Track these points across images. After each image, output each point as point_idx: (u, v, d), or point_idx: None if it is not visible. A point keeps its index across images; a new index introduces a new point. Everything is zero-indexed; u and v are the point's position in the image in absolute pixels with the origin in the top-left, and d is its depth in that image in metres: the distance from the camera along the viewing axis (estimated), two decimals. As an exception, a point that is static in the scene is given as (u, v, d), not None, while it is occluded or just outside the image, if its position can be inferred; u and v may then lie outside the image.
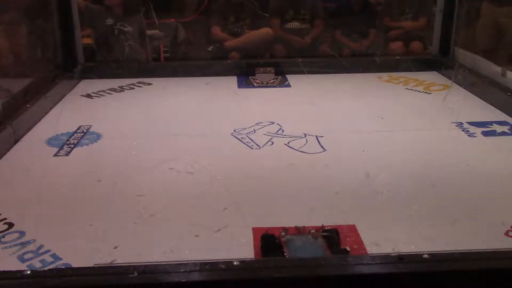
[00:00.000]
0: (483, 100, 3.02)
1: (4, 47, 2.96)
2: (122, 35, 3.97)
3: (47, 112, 2.90)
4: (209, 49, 4.48)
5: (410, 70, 3.70)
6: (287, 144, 2.43)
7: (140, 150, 2.39)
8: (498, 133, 2.54)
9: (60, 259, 1.55)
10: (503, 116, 2.75)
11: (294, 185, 2.04)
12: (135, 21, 4.09)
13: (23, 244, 1.63)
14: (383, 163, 2.21)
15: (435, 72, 3.69)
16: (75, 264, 1.50)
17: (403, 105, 3.05)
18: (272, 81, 3.48)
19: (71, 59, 3.63)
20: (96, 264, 1.49)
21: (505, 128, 2.59)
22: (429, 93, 3.24)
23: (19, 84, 2.97)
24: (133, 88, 3.43)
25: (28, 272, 1.33)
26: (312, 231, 1.57)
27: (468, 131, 2.56)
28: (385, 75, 3.63)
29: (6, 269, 1.35)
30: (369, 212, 1.81)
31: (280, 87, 3.44)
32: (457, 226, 1.72)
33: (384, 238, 1.63)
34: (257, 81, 3.48)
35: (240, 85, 3.49)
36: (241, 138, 2.50)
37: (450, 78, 3.44)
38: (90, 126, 2.67)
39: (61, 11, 3.53)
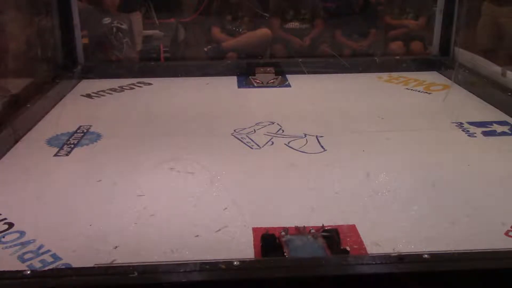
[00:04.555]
0: (483, 100, 3.02)
1: (4, 47, 2.95)
2: (120, 32, 3.98)
3: (47, 112, 2.90)
4: (205, 49, 4.48)
5: (410, 70, 3.70)
6: (287, 144, 2.43)
7: (140, 150, 2.39)
8: (498, 133, 2.54)
9: (60, 259, 1.55)
10: (503, 116, 2.75)
11: (294, 185, 2.04)
12: (127, 20, 4.11)
13: (23, 244, 1.63)
14: (383, 163, 2.21)
15: (435, 72, 3.68)
16: (75, 264, 1.50)
17: (403, 105, 3.05)
18: (272, 81, 3.48)
19: (71, 59, 3.63)
20: (96, 264, 1.49)
21: (505, 128, 2.59)
22: (429, 93, 3.24)
23: (19, 84, 2.97)
24: (133, 88, 3.43)
25: (28, 272, 1.33)
26: (312, 231, 1.57)
27: (468, 131, 2.56)
28: (385, 75, 3.63)
29: (6, 269, 1.35)
30: (369, 212, 1.81)
31: (280, 87, 3.44)
32: (457, 226, 1.72)
33: (384, 238, 1.63)
34: (257, 81, 3.48)
35: (240, 85, 3.48)
36: (241, 138, 2.50)
37: (450, 78, 3.44)
38: (90, 126, 2.67)
39: (61, 11, 3.53)
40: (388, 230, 1.69)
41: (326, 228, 1.59)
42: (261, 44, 4.49)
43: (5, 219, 1.78)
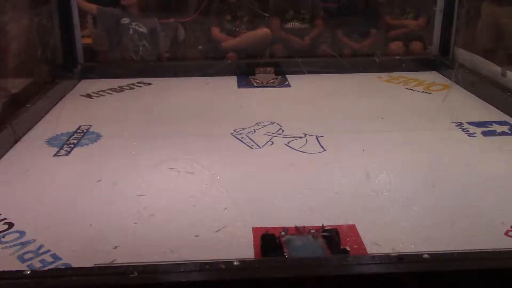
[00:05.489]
0: (483, 100, 3.02)
1: (4, 47, 2.95)
2: (137, 34, 3.98)
3: (47, 112, 2.90)
4: (200, 47, 4.48)
5: (410, 70, 3.70)
6: (287, 144, 2.43)
7: (140, 150, 2.39)
8: (498, 133, 2.54)
9: (60, 259, 1.55)
10: (503, 116, 2.76)
11: (294, 185, 2.03)
12: (150, 22, 4.09)
13: (23, 244, 1.63)
14: (383, 163, 2.21)
15: (435, 72, 3.69)
16: (75, 264, 1.50)
17: (403, 105, 3.06)
18: (272, 81, 3.48)
19: (71, 59, 3.63)
20: (96, 264, 1.49)
21: (505, 128, 2.59)
22: (429, 93, 3.24)
23: (19, 84, 2.97)
24: (133, 88, 3.43)
25: (28, 272, 1.33)
26: (312, 231, 1.57)
27: (468, 131, 2.56)
28: (385, 75, 3.63)
29: (6, 269, 1.35)
30: (369, 212, 1.81)
31: (280, 87, 3.44)
32: (457, 226, 1.72)
33: (384, 238, 1.63)
34: (257, 81, 3.48)
35: (240, 85, 3.49)
36: (241, 138, 2.50)
37: (450, 78, 3.44)
38: (90, 126, 2.67)
39: (61, 11, 3.53)
40: (388, 230, 1.69)
41: (326, 228, 1.59)
42: (261, 44, 4.49)
43: (5, 219, 1.78)
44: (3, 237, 1.67)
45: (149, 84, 3.51)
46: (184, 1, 4.93)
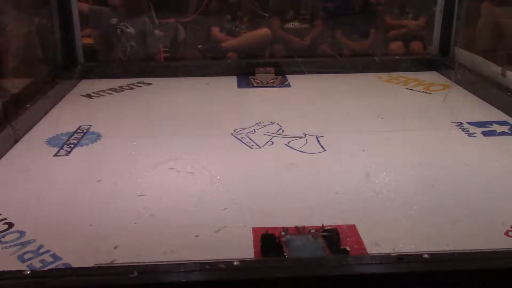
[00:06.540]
0: (483, 100, 3.02)
1: (4, 47, 2.96)
2: (124, 35, 3.98)
3: (47, 112, 2.90)
4: (199, 46, 4.48)
5: (410, 70, 3.70)
6: (287, 144, 2.43)
7: (140, 150, 2.39)
8: (498, 133, 2.54)
9: (60, 259, 1.55)
10: (503, 116, 2.75)
11: (294, 185, 2.04)
12: (139, 23, 4.09)
13: (23, 244, 1.63)
14: (383, 163, 2.21)
15: (435, 72, 3.69)
16: (75, 264, 1.50)
17: (403, 105, 3.05)
18: (272, 81, 3.48)
19: (71, 59, 3.63)
20: (96, 264, 1.49)
21: (505, 128, 2.59)
22: (429, 93, 3.24)
23: (19, 84, 2.97)
24: (133, 88, 3.43)
25: (28, 272, 1.33)
26: (312, 231, 1.57)
27: (468, 131, 2.56)
28: (385, 75, 3.63)
29: (6, 269, 1.35)
30: (369, 212, 1.81)
31: (280, 87, 3.44)
32: (457, 226, 1.72)
33: (384, 238, 1.63)
34: (257, 81, 3.48)
35: (240, 85, 3.49)
36: (241, 138, 2.50)
37: (450, 78, 3.44)
38: (90, 126, 2.67)
39: (61, 11, 3.53)
40: (388, 230, 1.69)
41: (326, 228, 1.59)
42: (261, 44, 4.49)
43: (5, 219, 1.78)
44: (3, 237, 1.67)
45: (149, 84, 3.51)
46: (184, 1, 4.93)
